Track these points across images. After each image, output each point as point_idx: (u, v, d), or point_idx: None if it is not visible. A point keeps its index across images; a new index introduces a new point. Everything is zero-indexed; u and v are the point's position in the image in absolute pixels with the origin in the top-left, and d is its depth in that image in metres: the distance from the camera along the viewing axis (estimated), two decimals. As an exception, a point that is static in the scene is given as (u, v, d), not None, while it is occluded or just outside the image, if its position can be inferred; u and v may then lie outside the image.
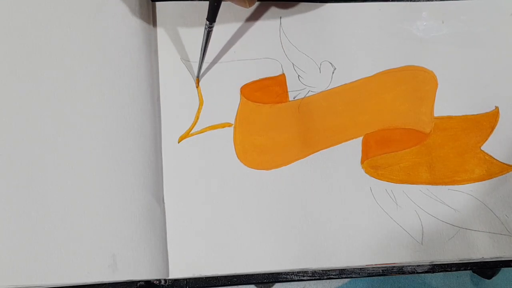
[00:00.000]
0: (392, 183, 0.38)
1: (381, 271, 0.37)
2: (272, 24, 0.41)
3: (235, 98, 0.39)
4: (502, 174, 0.39)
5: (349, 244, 0.36)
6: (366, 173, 0.38)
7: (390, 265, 0.36)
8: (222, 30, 0.40)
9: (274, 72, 0.40)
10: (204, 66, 0.39)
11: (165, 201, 0.37)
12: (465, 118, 0.40)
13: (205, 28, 0.35)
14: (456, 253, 0.37)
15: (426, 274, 0.47)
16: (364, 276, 0.37)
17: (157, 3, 0.40)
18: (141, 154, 0.36)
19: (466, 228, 0.37)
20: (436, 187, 0.38)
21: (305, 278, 0.36)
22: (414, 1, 0.42)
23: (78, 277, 0.34)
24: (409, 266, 0.37)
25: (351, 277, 0.37)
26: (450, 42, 0.41)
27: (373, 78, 0.40)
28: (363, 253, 0.36)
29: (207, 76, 0.39)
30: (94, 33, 0.38)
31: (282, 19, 0.41)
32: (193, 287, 0.36)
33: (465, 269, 0.38)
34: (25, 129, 0.36)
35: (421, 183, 0.38)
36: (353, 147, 0.39)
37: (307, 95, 0.40)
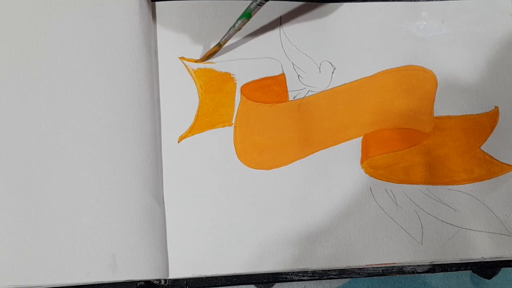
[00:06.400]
0: (392, 183, 0.38)
1: (381, 271, 0.37)
2: (272, 24, 0.41)
3: (236, 98, 0.39)
4: (502, 174, 0.39)
5: (349, 244, 0.36)
6: (366, 173, 0.38)
7: (390, 265, 0.37)
8: (222, 30, 0.40)
9: (274, 71, 0.40)
10: (205, 66, 0.39)
11: (165, 201, 0.37)
12: (465, 118, 0.40)
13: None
14: (456, 253, 0.37)
15: (426, 274, 0.47)
16: (364, 276, 0.37)
17: (157, 3, 0.40)
18: (141, 154, 0.36)
19: (466, 228, 0.37)
20: (436, 187, 0.38)
21: (305, 278, 0.36)
22: (414, 1, 0.42)
23: (78, 277, 0.34)
24: (409, 266, 0.37)
25: (351, 277, 0.37)
26: (450, 42, 0.41)
27: (373, 78, 0.40)
28: (363, 253, 0.36)
29: (207, 75, 0.39)
30: (94, 33, 0.38)
31: (282, 19, 0.41)
32: (193, 287, 0.36)
33: (465, 269, 0.38)
34: (24, 129, 0.36)
35: (421, 183, 0.38)
36: (353, 147, 0.39)
37: (307, 95, 0.40)
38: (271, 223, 0.37)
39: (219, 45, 0.38)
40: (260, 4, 0.34)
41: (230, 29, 0.37)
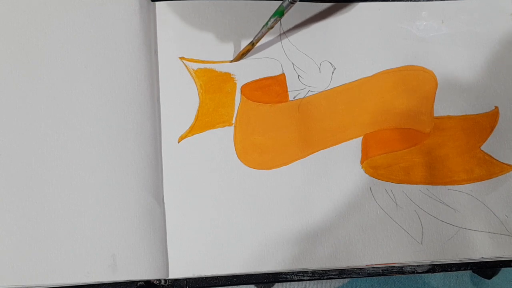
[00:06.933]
0: (392, 183, 0.38)
1: (381, 271, 0.37)
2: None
3: (236, 98, 0.39)
4: (502, 174, 0.39)
5: (349, 244, 0.36)
6: (366, 173, 0.38)
7: (390, 265, 0.37)
8: (223, 30, 0.40)
9: (274, 71, 0.40)
10: (205, 66, 0.39)
11: (165, 201, 0.37)
12: (464, 118, 0.40)
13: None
14: (456, 253, 0.37)
15: (426, 274, 0.47)
16: (364, 276, 0.37)
17: (157, 3, 0.40)
18: (141, 154, 0.36)
19: (466, 228, 0.37)
20: (436, 187, 0.38)
21: (305, 278, 0.36)
22: (414, 1, 0.42)
23: (78, 277, 0.34)
24: (409, 266, 0.37)
25: (351, 277, 0.37)
26: (450, 42, 0.41)
27: (373, 78, 0.40)
28: (363, 253, 0.36)
29: (207, 75, 0.40)
30: (94, 33, 0.38)
31: (282, 19, 0.41)
32: (193, 287, 0.36)
33: (465, 269, 0.38)
34: (25, 129, 0.36)
35: (421, 183, 0.38)
36: (353, 147, 0.39)
37: (307, 95, 0.40)
38: (271, 223, 0.37)
39: (252, 44, 0.38)
40: (293, 2, 0.34)
41: (263, 27, 0.37)
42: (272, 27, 0.37)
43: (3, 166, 0.35)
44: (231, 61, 0.39)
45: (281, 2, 0.41)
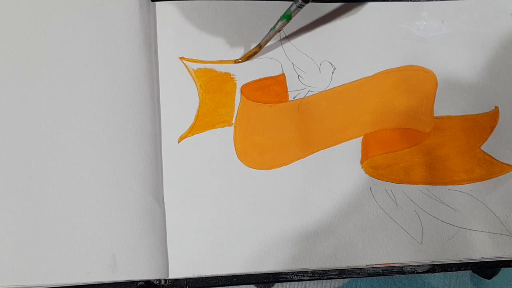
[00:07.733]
0: (392, 183, 0.38)
1: (381, 271, 0.37)
2: (272, 24, 0.41)
3: (236, 98, 0.39)
4: (502, 174, 0.39)
5: (349, 244, 0.36)
6: (366, 173, 0.38)
7: (390, 265, 0.37)
8: (223, 30, 0.40)
9: (274, 71, 0.40)
10: (205, 66, 0.39)
11: (165, 201, 0.37)
12: (464, 118, 0.40)
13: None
14: (456, 253, 0.37)
15: (426, 274, 0.47)
16: (364, 276, 0.37)
17: (157, 3, 0.40)
18: (141, 154, 0.36)
19: (466, 228, 0.37)
20: (436, 187, 0.38)
21: (305, 278, 0.36)
22: (414, 1, 0.42)
23: (78, 277, 0.34)
24: (409, 266, 0.37)
25: (351, 277, 0.37)
26: (449, 42, 0.41)
27: (373, 78, 0.40)
28: (363, 253, 0.36)
29: (207, 75, 0.40)
30: (94, 33, 0.38)
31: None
32: (193, 287, 0.36)
33: (465, 269, 0.38)
34: (25, 129, 0.36)
35: (421, 183, 0.38)
36: (353, 147, 0.39)
37: (307, 95, 0.40)
38: (271, 223, 0.37)
39: (259, 46, 0.39)
40: (300, 6, 0.34)
41: (270, 30, 0.37)
42: (279, 30, 0.37)
43: (3, 166, 0.35)
44: (236, 61, 0.39)
45: (280, 2, 0.41)
